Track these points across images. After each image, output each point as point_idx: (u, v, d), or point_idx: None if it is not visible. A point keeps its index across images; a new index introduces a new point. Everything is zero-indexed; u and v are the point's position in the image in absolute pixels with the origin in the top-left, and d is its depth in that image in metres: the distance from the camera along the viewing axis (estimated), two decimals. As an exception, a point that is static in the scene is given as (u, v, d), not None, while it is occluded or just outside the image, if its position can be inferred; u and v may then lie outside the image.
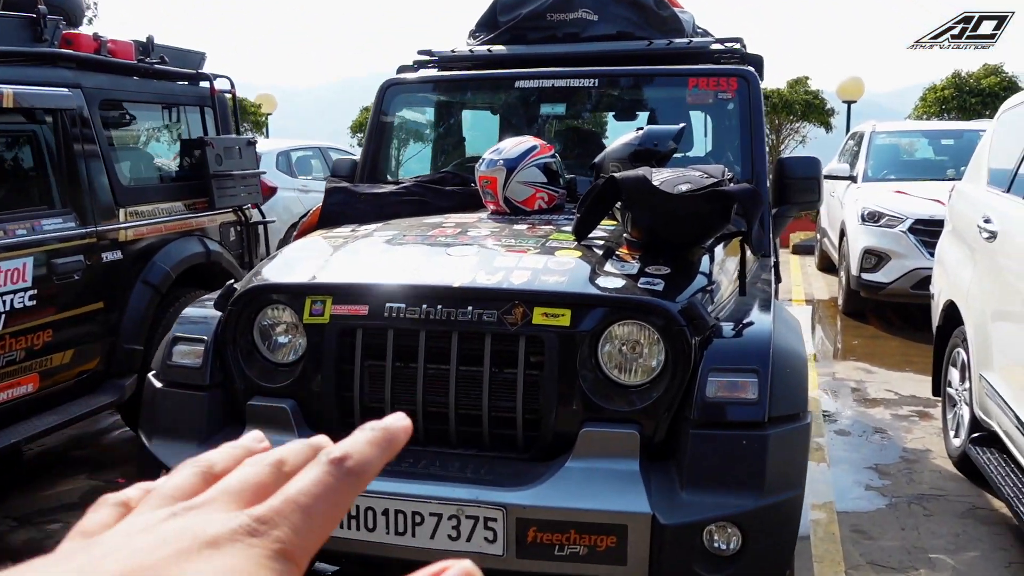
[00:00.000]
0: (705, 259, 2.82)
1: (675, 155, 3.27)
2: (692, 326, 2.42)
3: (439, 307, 2.54)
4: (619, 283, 2.54)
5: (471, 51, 4.22)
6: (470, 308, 2.52)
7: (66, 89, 4.08)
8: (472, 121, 4.48)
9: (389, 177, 4.16)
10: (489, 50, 4.16)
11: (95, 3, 26.24)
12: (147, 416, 2.84)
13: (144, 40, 4.80)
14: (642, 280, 2.56)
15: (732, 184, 2.70)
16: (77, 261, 4.01)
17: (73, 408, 4.09)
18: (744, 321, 2.62)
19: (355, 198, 3.51)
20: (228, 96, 5.39)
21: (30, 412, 3.89)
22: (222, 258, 5.03)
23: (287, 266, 2.93)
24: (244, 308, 2.76)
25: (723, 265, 2.97)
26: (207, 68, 5.28)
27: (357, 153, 12.10)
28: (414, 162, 4.61)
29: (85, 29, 5.27)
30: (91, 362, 4.19)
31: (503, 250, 2.82)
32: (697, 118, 4.20)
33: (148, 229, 4.52)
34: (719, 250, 2.96)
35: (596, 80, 3.89)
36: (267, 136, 18.31)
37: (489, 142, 3.82)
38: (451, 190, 3.58)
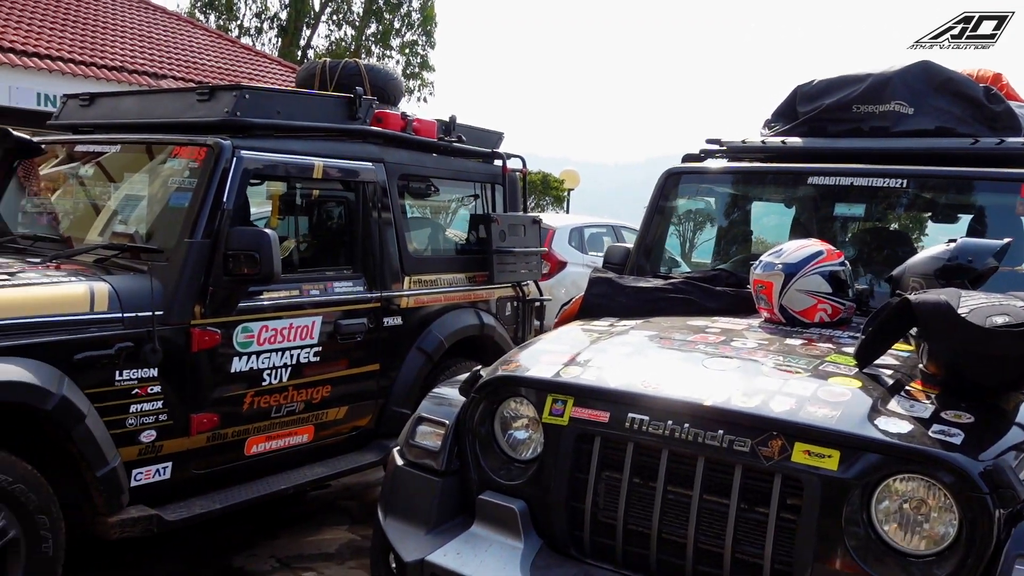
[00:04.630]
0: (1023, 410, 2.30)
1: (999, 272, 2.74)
2: (997, 495, 1.94)
3: (685, 426, 2.29)
4: (905, 427, 2.12)
5: (763, 142, 3.93)
6: (720, 432, 2.24)
7: (370, 163, 4.38)
8: (759, 217, 4.16)
9: (663, 269, 3.96)
10: (783, 141, 3.84)
11: (432, 83, 29.20)
12: (385, 491, 2.84)
13: (448, 119, 5.07)
14: (935, 427, 2.11)
15: None
16: (360, 323, 4.24)
17: (341, 463, 4.29)
18: None
19: (618, 290, 3.35)
20: (519, 175, 5.53)
21: (303, 461, 4.13)
22: (495, 331, 5.10)
23: (535, 357, 2.80)
24: (487, 397, 2.69)
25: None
26: (505, 147, 5.47)
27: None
28: (696, 255, 4.37)
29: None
30: (363, 420, 4.39)
31: (768, 368, 2.49)
32: None
33: (429, 298, 4.70)
34: None
35: (904, 181, 3.41)
36: (567, 211, 18.96)
37: (777, 240, 3.49)
38: (721, 291, 3.30)
